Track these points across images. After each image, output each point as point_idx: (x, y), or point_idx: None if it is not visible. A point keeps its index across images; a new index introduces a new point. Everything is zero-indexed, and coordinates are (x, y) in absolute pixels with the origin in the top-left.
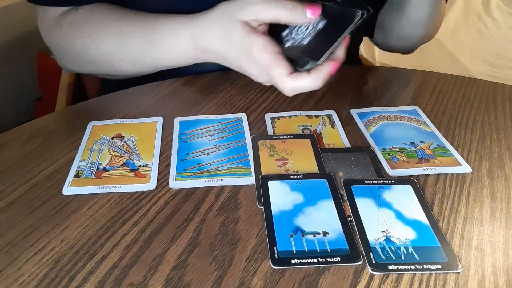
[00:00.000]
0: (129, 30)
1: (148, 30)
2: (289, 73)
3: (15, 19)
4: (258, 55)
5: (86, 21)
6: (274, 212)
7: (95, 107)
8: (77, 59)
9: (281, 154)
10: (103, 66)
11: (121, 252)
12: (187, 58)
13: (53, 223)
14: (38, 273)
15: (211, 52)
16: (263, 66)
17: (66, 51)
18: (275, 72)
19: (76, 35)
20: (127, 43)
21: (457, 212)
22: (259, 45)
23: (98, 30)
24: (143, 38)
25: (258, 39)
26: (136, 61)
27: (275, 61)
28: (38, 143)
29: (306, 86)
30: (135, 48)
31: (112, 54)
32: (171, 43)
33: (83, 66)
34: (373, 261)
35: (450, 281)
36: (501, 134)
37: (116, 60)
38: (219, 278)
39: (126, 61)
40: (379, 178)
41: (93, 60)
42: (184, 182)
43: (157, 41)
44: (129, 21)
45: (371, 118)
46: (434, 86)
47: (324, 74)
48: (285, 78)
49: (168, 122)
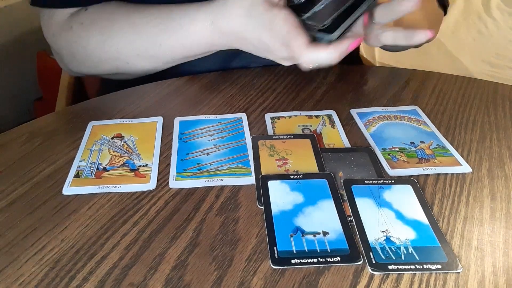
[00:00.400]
0: (143, 21)
1: (163, 18)
2: (308, 43)
3: (15, 19)
4: (280, 26)
5: (98, 19)
6: (274, 212)
7: (95, 107)
8: (89, 60)
9: (281, 154)
10: (117, 63)
11: (121, 252)
12: (204, 45)
13: (53, 223)
14: (38, 273)
15: (229, 34)
16: (283, 37)
17: (77, 53)
18: (295, 42)
19: (89, 35)
20: (142, 35)
21: (457, 212)
22: (281, 16)
23: (111, 26)
24: (158, 27)
25: (280, 12)
26: (151, 54)
27: (296, 31)
28: (38, 143)
29: (323, 58)
30: (150, 39)
31: (127, 49)
32: (188, 29)
33: (95, 66)
34: (373, 261)
35: (450, 281)
36: (501, 134)
37: (131, 55)
38: (219, 278)
39: (142, 55)
40: (379, 178)
41: (107, 58)
42: (184, 182)
43: (174, 28)
44: (142, 14)
45: (371, 118)
46: (434, 86)
47: (343, 48)
48: (304, 48)
49: (168, 122)
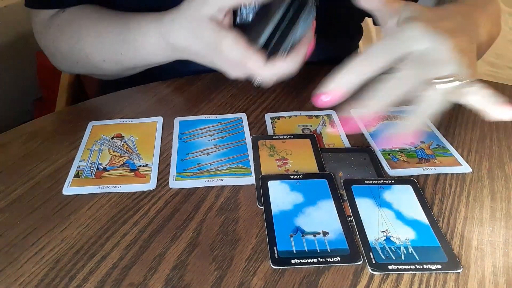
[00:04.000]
0: (108, 30)
1: (123, 29)
2: (264, 62)
3: (15, 19)
4: (230, 51)
5: (71, 22)
6: (274, 212)
7: (95, 107)
8: (65, 60)
9: (281, 154)
10: (88, 67)
11: (121, 252)
12: (161, 57)
13: (53, 223)
14: (38, 273)
15: (182, 50)
16: (236, 61)
17: (55, 53)
18: (251, 63)
19: (62, 37)
20: (106, 43)
21: (457, 212)
22: (229, 41)
23: (81, 31)
24: (119, 36)
25: (227, 35)
26: (116, 61)
27: (248, 53)
28: (38, 143)
29: (283, 71)
30: (113, 48)
31: (94, 55)
32: (142, 42)
33: (71, 67)
34: (373, 261)
35: (450, 281)
36: (501, 134)
37: (98, 61)
38: (219, 278)
39: (108, 61)
40: (379, 178)
41: (78, 61)
42: (184, 182)
43: (131, 40)
44: (109, 21)
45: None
46: None
47: (299, 57)
48: (260, 66)
49: (168, 122)
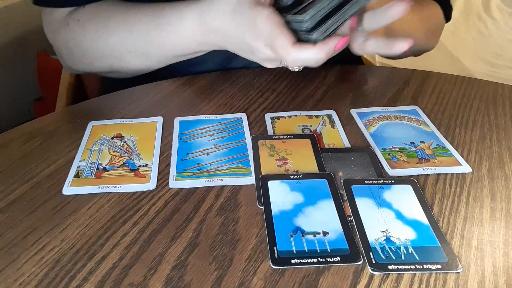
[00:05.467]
0: (136, 19)
1: (155, 15)
2: (292, 43)
3: (15, 19)
4: (262, 25)
5: (93, 16)
6: (274, 212)
7: (95, 107)
8: (85, 57)
9: (281, 154)
10: (111, 61)
11: (121, 252)
12: (192, 43)
13: (53, 223)
14: (38, 273)
15: (215, 31)
16: (266, 36)
17: (74, 50)
18: (278, 42)
19: (84, 32)
20: (134, 32)
21: (457, 212)
22: (263, 15)
23: (105, 23)
24: (149, 24)
25: (263, 10)
26: (143, 51)
27: (279, 30)
28: (38, 143)
29: (309, 57)
30: (142, 36)
31: (119, 46)
32: (176, 26)
33: (91, 63)
34: (373, 261)
35: (450, 281)
36: (501, 134)
37: (124, 52)
38: (219, 278)
39: (134, 52)
40: (379, 178)
41: (101, 55)
42: (184, 182)
43: (163, 25)
44: (136, 11)
45: (371, 118)
46: (434, 86)
47: (329, 47)
48: (288, 48)
49: (168, 122)
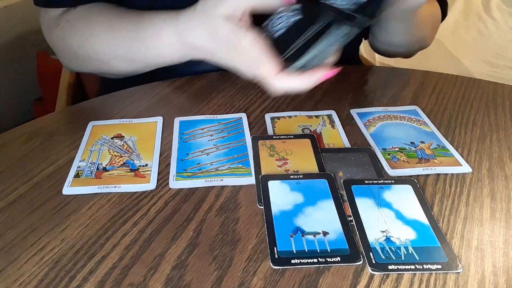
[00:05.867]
0: (120, 27)
1: (135, 26)
2: (277, 72)
3: (15, 19)
4: (247, 50)
5: (82, 19)
6: (274, 212)
7: (95, 107)
8: (74, 58)
9: (281, 154)
10: (98, 64)
11: (121, 252)
12: (175, 56)
13: (53, 223)
14: (38, 273)
15: (198, 49)
16: (251, 61)
17: (64, 50)
18: (263, 69)
19: (72, 34)
20: (117, 40)
21: (457, 212)
22: (248, 39)
23: (92, 28)
24: (131, 34)
25: (247, 34)
26: (127, 58)
27: (264, 58)
28: (38, 143)
29: (293, 86)
30: (125, 45)
31: (104, 52)
32: (155, 41)
33: (80, 65)
34: (373, 261)
35: (450, 281)
36: (501, 134)
37: (108, 58)
38: (219, 278)
39: (118, 59)
40: (379, 178)
41: (88, 58)
42: (184, 182)
43: (144, 38)
44: (121, 19)
45: (371, 118)
46: (434, 86)
47: (315, 79)
48: (273, 77)
49: (168, 122)
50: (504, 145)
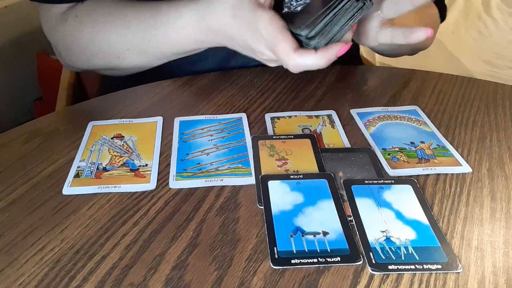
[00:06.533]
0: (134, 16)
1: (153, 13)
2: (294, 48)
3: (15, 19)
4: (264, 29)
5: (91, 12)
6: (274, 212)
7: (95, 107)
8: (83, 53)
9: (281, 154)
10: (109, 57)
11: (121, 252)
12: (192, 41)
13: (53, 223)
14: (38, 273)
15: (216, 31)
16: (268, 40)
17: (71, 46)
18: (280, 46)
19: (82, 27)
20: (132, 29)
21: (457, 212)
22: (265, 18)
23: (103, 19)
24: (148, 21)
25: (264, 13)
26: (141, 49)
27: (281, 35)
28: (38, 143)
29: (310, 63)
30: (140, 34)
31: (117, 43)
32: (175, 24)
33: (88, 60)
34: (373, 261)
35: (450, 281)
36: (501, 134)
37: (122, 50)
38: (219, 278)
39: (132, 50)
40: (379, 178)
41: (98, 52)
42: (184, 182)
43: (162, 23)
44: (135, 8)
45: (371, 118)
46: (434, 86)
47: (330, 54)
48: (290, 53)
49: (168, 122)
50: (504, 145)
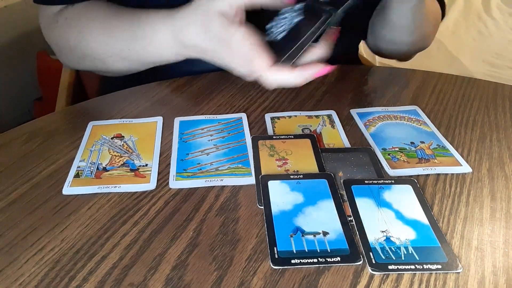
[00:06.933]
0: (116, 25)
1: (132, 24)
2: (270, 65)
3: (15, 19)
4: (238, 46)
5: (79, 16)
6: (274, 212)
7: (95, 107)
8: (72, 55)
9: (281, 154)
10: (95, 62)
11: (121, 252)
12: (169, 54)
13: (53, 223)
14: (38, 273)
15: (192, 47)
16: (244, 57)
17: (62, 47)
18: (255, 63)
19: (69, 31)
20: (114, 38)
21: (457, 212)
22: (238, 35)
23: (89, 25)
24: (128, 32)
25: (237, 30)
26: (123, 57)
27: (256, 52)
28: (38, 143)
29: (286, 80)
30: (121, 43)
31: (100, 49)
32: (151, 39)
33: (77, 62)
34: (373, 261)
35: (450, 281)
36: (501, 134)
37: (105, 56)
38: (219, 278)
39: (114, 56)
40: (379, 178)
41: (85, 56)
42: (184, 182)
43: (139, 36)
44: (119, 17)
45: (371, 118)
46: (434, 86)
47: (308, 74)
48: (265, 70)
49: (168, 122)
50: (504, 145)
